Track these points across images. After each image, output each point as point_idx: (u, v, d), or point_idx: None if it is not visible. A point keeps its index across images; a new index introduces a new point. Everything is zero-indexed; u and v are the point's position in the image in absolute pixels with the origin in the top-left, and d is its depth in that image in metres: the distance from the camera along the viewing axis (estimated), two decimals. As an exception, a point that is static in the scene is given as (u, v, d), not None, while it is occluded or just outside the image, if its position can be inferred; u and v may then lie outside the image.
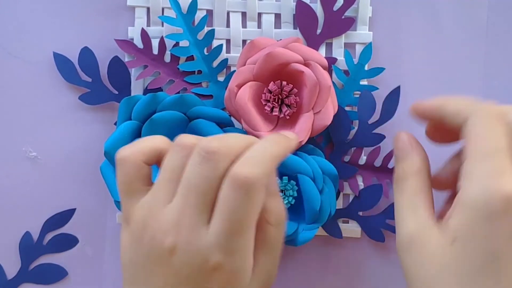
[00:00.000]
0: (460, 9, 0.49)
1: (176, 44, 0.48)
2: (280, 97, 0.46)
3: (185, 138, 0.37)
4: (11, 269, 0.50)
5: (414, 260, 0.36)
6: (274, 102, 0.46)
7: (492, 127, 0.35)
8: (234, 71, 0.47)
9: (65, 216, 0.50)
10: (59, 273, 0.50)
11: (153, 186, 0.37)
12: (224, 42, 0.48)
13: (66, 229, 0.50)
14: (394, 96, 0.48)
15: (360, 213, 0.49)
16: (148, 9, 0.48)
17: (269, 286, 0.39)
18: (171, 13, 0.48)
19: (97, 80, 0.48)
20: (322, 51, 0.48)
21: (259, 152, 0.36)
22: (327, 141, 0.48)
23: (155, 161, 0.38)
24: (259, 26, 0.48)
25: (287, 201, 0.46)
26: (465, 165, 0.35)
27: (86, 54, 0.48)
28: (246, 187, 0.34)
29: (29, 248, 0.50)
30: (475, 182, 0.34)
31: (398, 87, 0.48)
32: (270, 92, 0.46)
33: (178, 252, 0.35)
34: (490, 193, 0.33)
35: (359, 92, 0.48)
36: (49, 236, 0.50)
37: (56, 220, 0.50)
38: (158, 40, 0.48)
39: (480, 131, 0.35)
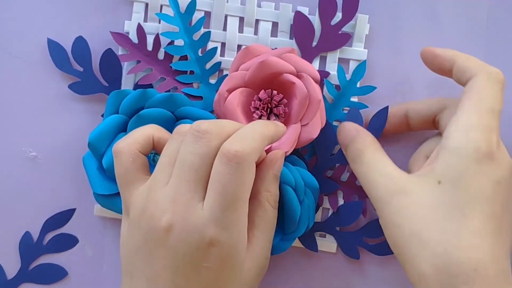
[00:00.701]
0: (460, 9, 0.49)
1: (171, 42, 0.48)
2: (270, 106, 0.46)
3: (182, 126, 0.39)
4: (11, 269, 0.50)
5: (398, 210, 0.39)
6: (263, 110, 0.46)
7: (496, 89, 0.38)
8: (227, 75, 0.47)
9: (65, 216, 0.50)
10: (59, 273, 0.50)
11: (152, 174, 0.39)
12: (219, 45, 0.48)
13: (66, 229, 0.50)
14: (381, 116, 0.48)
15: (338, 228, 0.49)
16: (146, 4, 0.48)
17: (264, 269, 0.41)
18: (169, 11, 0.48)
19: (88, 70, 0.48)
20: (316, 64, 0.48)
21: (249, 130, 0.38)
22: (311, 154, 0.48)
23: (151, 149, 0.40)
24: (256, 33, 0.49)
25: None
26: (459, 115, 0.38)
27: (80, 43, 0.48)
28: (237, 160, 0.36)
29: (29, 248, 0.50)
30: (468, 132, 0.38)
31: (387, 107, 0.48)
32: (260, 100, 0.46)
33: (174, 229, 0.36)
34: (481, 142, 0.37)
35: (348, 108, 0.48)
36: (49, 236, 0.50)
37: (56, 220, 0.50)
38: (153, 36, 0.48)
39: (483, 89, 0.38)
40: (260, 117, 0.46)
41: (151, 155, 0.46)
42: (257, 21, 0.48)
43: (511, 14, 0.49)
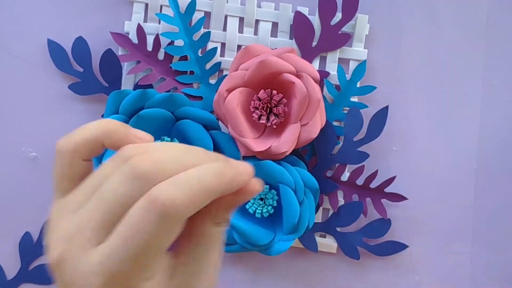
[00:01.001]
0: (460, 9, 0.49)
1: (171, 42, 0.48)
2: (269, 105, 0.46)
3: (127, 150, 0.31)
4: (11, 269, 0.50)
5: None
6: (262, 110, 0.46)
7: None
8: (226, 75, 0.47)
9: (65, 216, 0.49)
10: (59, 273, 0.50)
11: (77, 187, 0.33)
12: (219, 45, 0.48)
13: (66, 229, 0.50)
14: (381, 116, 0.48)
15: (338, 229, 0.49)
16: (146, 5, 0.48)
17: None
18: (169, 12, 0.48)
19: (88, 71, 0.48)
20: (316, 64, 0.48)
21: (194, 177, 0.30)
22: (311, 155, 0.48)
23: (99, 153, 0.34)
24: (256, 33, 0.49)
25: (266, 210, 0.46)
26: None
27: (80, 44, 0.48)
28: (162, 212, 0.28)
29: (29, 248, 0.50)
30: None
31: (386, 107, 0.48)
32: (259, 99, 0.46)
33: (62, 269, 0.31)
34: None
35: (348, 108, 0.48)
36: (50, 236, 0.50)
37: (56, 221, 0.49)
38: (153, 37, 0.48)
39: None
40: (259, 117, 0.46)
41: None
42: (257, 21, 0.48)
43: (511, 15, 0.49)
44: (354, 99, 0.48)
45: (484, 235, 0.50)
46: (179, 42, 0.48)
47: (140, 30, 0.48)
